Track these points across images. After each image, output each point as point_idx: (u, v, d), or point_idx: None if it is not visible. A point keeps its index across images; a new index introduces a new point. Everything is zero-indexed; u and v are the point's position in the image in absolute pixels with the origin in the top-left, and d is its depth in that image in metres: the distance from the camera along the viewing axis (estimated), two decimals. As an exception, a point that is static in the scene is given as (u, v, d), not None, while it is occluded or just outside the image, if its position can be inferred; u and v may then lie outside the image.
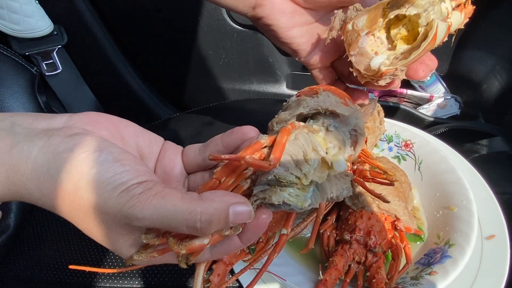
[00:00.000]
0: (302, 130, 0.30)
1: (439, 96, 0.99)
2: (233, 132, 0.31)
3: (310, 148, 0.29)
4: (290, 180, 0.28)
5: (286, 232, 0.32)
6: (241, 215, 0.25)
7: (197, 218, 0.24)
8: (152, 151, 0.32)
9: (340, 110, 0.31)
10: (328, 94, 0.33)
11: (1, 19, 0.81)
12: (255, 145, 0.28)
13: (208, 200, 0.25)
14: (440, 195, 0.51)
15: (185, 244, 0.25)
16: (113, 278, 0.66)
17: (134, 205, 0.23)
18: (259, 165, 0.26)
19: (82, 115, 0.28)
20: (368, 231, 0.44)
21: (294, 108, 0.32)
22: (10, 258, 0.73)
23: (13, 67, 0.84)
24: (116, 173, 0.24)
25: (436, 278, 0.40)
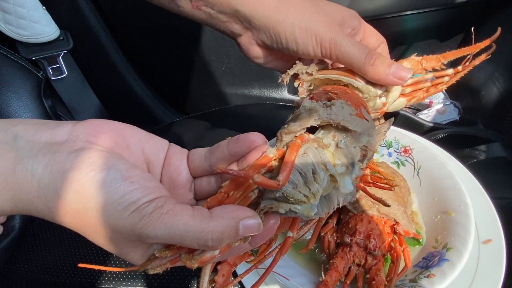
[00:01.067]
0: (311, 145, 0.30)
1: (439, 102, 1.00)
2: (240, 140, 0.30)
3: (319, 166, 0.29)
4: (298, 199, 0.27)
5: (292, 235, 0.32)
6: (251, 228, 0.25)
7: (208, 237, 0.24)
8: (158, 157, 0.31)
9: (353, 126, 0.30)
10: (343, 105, 0.31)
11: (9, 24, 0.83)
12: (263, 159, 0.28)
13: (218, 217, 0.25)
14: (438, 200, 0.52)
15: (197, 258, 0.26)
16: (116, 280, 0.67)
17: (146, 224, 0.23)
18: (267, 184, 0.26)
19: (85, 124, 0.28)
20: (368, 234, 0.45)
21: (305, 119, 0.31)
22: (15, 260, 0.74)
23: (20, 71, 0.86)
24: (126, 192, 0.24)
25: (434, 280, 0.41)
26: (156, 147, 0.31)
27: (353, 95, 0.35)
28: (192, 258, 0.26)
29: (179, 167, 0.32)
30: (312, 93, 0.34)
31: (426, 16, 0.85)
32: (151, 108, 1.02)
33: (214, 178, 0.33)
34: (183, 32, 0.95)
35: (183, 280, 0.63)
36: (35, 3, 0.83)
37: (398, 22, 0.86)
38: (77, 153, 0.25)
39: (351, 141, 0.30)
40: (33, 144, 0.25)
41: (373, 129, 0.31)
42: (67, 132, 0.27)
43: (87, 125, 0.27)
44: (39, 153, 0.25)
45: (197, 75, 1.01)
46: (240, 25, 0.44)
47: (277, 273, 0.41)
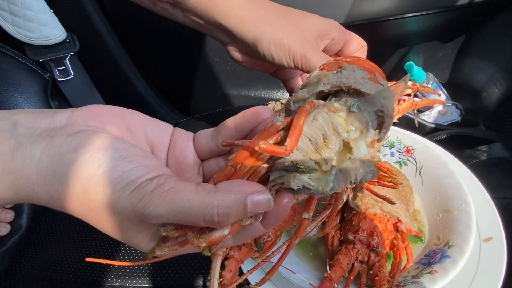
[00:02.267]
0: (321, 110, 0.28)
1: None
2: (246, 114, 0.29)
3: (330, 130, 0.27)
4: (308, 166, 0.25)
5: (307, 216, 0.30)
6: (260, 204, 0.24)
7: (214, 211, 0.23)
8: (162, 140, 0.30)
9: (365, 89, 0.28)
10: (354, 69, 0.29)
11: (17, 27, 0.84)
12: (270, 128, 0.26)
13: (224, 191, 0.24)
14: (440, 199, 0.53)
15: (204, 237, 0.24)
16: (121, 277, 0.68)
17: (147, 203, 0.22)
18: (274, 151, 0.24)
19: (84, 109, 0.27)
20: (371, 231, 0.46)
21: (314, 85, 0.29)
22: (22, 258, 0.75)
23: (27, 73, 0.87)
24: (124, 171, 0.23)
25: (436, 276, 0.41)
26: (159, 130, 0.30)
27: (367, 63, 0.32)
28: (200, 237, 0.25)
29: (185, 149, 0.30)
30: (323, 65, 0.32)
31: (428, 18, 0.86)
32: (155, 109, 1.03)
33: (223, 159, 0.31)
34: (187, 35, 0.96)
35: (188, 278, 0.64)
36: (43, 6, 0.85)
37: (399, 24, 0.87)
38: (75, 136, 0.24)
39: (364, 105, 0.28)
40: (32, 130, 0.25)
41: (388, 91, 0.28)
42: (66, 118, 0.26)
43: (86, 110, 0.27)
44: (37, 138, 0.24)
45: (201, 76, 1.02)
46: (225, 36, 0.49)
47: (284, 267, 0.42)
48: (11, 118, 0.25)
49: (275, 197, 0.26)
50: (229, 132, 0.29)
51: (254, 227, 0.26)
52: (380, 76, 0.31)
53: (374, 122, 0.28)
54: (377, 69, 0.32)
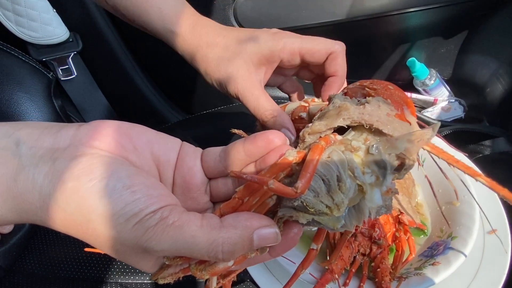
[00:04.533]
0: (338, 147, 0.26)
1: (443, 99, 1.00)
2: (257, 139, 0.27)
3: (346, 172, 0.25)
4: (319, 210, 0.24)
5: (316, 247, 0.30)
6: (267, 239, 0.23)
7: (218, 249, 0.22)
8: (169, 158, 0.29)
9: (389, 130, 0.25)
10: (380, 103, 0.27)
11: (20, 26, 0.85)
12: (282, 163, 0.25)
13: (230, 227, 0.23)
14: (442, 191, 0.52)
15: (208, 269, 0.24)
16: (124, 274, 0.68)
17: (150, 237, 0.22)
18: (283, 192, 0.23)
19: (89, 127, 0.26)
20: (373, 224, 0.46)
21: (333, 118, 0.27)
22: (25, 255, 0.76)
23: (31, 72, 0.88)
24: (127, 203, 0.22)
25: (439, 268, 0.41)
26: (166, 147, 0.29)
27: (396, 92, 0.30)
28: (203, 269, 0.24)
29: (192, 168, 0.29)
30: (347, 88, 0.30)
31: (430, 13, 0.85)
32: (157, 108, 1.04)
33: (231, 180, 0.30)
34: (189, 33, 0.96)
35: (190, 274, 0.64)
36: (46, 6, 0.86)
37: (401, 19, 0.87)
38: (78, 161, 0.23)
39: (385, 147, 0.25)
40: (36, 150, 0.24)
41: (414, 135, 0.25)
42: (70, 137, 0.25)
43: (90, 128, 0.26)
44: (40, 160, 0.24)
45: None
46: None
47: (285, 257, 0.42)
48: (14, 135, 0.25)
49: (283, 228, 0.25)
50: (238, 156, 0.28)
51: (260, 256, 0.26)
52: (408, 111, 0.28)
53: (393, 164, 0.26)
54: (407, 102, 0.29)
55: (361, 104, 0.27)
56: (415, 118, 0.28)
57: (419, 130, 0.26)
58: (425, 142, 0.25)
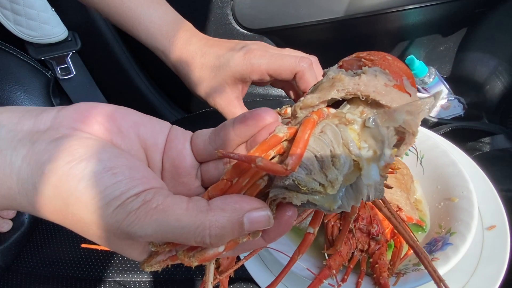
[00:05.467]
0: (331, 121, 0.24)
1: (443, 97, 1.00)
2: (246, 118, 0.26)
3: (340, 147, 0.23)
4: (312, 188, 0.22)
5: (312, 231, 0.28)
6: (258, 222, 0.22)
7: (205, 233, 0.21)
8: (157, 141, 0.27)
9: (386, 101, 0.24)
10: (376, 73, 0.25)
11: (19, 25, 0.85)
12: (272, 139, 0.24)
13: (218, 209, 0.21)
14: (441, 187, 0.52)
15: (197, 256, 0.22)
16: (122, 272, 0.68)
17: (133, 222, 0.20)
18: (273, 169, 0.21)
19: (71, 109, 0.25)
20: (371, 220, 0.45)
21: (326, 90, 0.25)
22: (24, 254, 0.76)
23: (29, 71, 0.88)
24: (107, 185, 0.21)
25: (438, 263, 0.41)
26: (154, 130, 0.27)
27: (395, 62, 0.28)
28: (192, 255, 0.23)
29: (182, 151, 0.28)
30: (343, 61, 0.28)
31: (428, 10, 0.85)
32: (156, 107, 1.04)
33: (222, 163, 0.28)
34: (187, 32, 0.96)
35: (188, 271, 0.64)
36: (45, 5, 0.86)
37: (400, 16, 0.86)
38: (57, 143, 0.22)
39: (383, 119, 0.24)
40: (15, 133, 0.23)
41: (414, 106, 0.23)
42: (51, 119, 0.24)
43: (72, 110, 0.24)
44: (19, 143, 0.22)
45: (201, 73, 1.02)
46: None
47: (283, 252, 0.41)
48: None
49: (276, 211, 0.23)
50: (228, 137, 0.26)
51: (254, 241, 0.24)
52: (408, 82, 0.26)
53: (392, 139, 0.24)
54: (406, 72, 0.27)
55: (357, 75, 0.25)
56: (416, 90, 0.26)
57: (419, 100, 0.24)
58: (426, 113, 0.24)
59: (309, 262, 0.45)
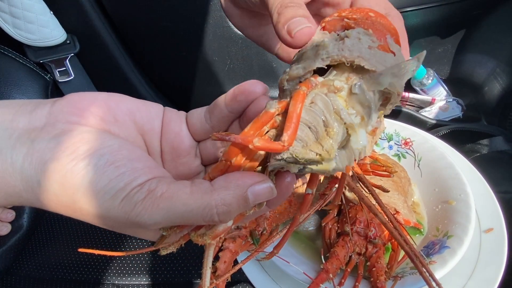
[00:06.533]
0: (320, 91, 0.24)
1: (441, 99, 1.00)
2: (236, 94, 0.26)
3: (331, 115, 0.24)
4: (310, 159, 0.23)
5: (311, 192, 0.29)
6: (262, 194, 0.23)
7: (213, 212, 0.22)
8: (153, 125, 0.28)
9: (371, 65, 0.24)
10: (360, 36, 0.25)
11: (18, 29, 0.85)
12: (264, 116, 0.24)
13: (222, 188, 0.22)
14: (439, 190, 0.52)
15: (208, 233, 0.23)
16: (121, 275, 0.68)
17: (140, 212, 0.21)
18: (270, 148, 0.22)
19: (64, 102, 0.25)
20: (368, 223, 0.45)
21: (310, 59, 0.25)
22: (23, 257, 0.76)
23: (28, 74, 0.88)
24: (111, 178, 0.21)
25: (435, 267, 0.41)
26: (149, 115, 0.28)
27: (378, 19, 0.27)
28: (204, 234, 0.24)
29: (179, 133, 0.28)
30: (325, 22, 0.28)
31: (427, 12, 0.85)
32: (155, 109, 1.04)
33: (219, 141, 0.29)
34: (186, 34, 0.97)
35: (186, 274, 0.64)
36: (43, 8, 0.86)
37: (398, 19, 0.87)
38: (57, 140, 0.22)
39: (368, 84, 0.24)
40: (11, 131, 0.23)
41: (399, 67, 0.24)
42: (45, 115, 0.24)
43: (65, 103, 0.24)
44: (17, 141, 0.22)
45: (200, 75, 1.03)
46: None
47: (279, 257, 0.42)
48: None
49: (275, 180, 0.24)
50: (221, 114, 0.28)
51: (259, 210, 0.25)
52: (392, 39, 0.26)
53: (378, 102, 0.24)
54: (390, 29, 0.27)
55: (341, 38, 0.25)
56: (399, 47, 0.27)
57: (403, 62, 0.24)
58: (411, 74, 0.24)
59: (306, 265, 0.45)
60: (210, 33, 0.95)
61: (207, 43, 0.97)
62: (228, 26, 0.93)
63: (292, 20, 0.28)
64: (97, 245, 0.73)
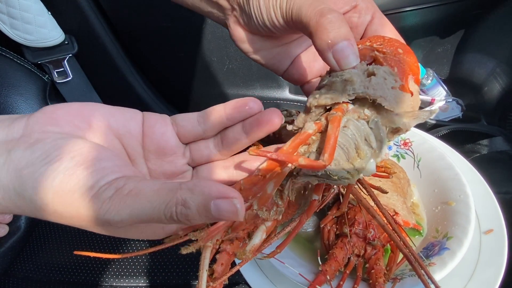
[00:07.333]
0: (352, 116, 0.27)
1: (441, 99, 1.00)
2: (237, 106, 0.29)
3: (362, 140, 0.27)
4: (342, 176, 0.26)
5: (317, 198, 0.30)
6: (225, 212, 0.21)
7: (172, 210, 0.21)
8: (130, 129, 0.29)
9: (390, 105, 0.26)
10: (386, 75, 0.27)
11: (15, 29, 0.85)
12: (303, 136, 0.27)
13: (186, 190, 0.22)
14: (438, 191, 0.52)
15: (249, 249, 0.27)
16: (119, 277, 0.67)
17: (108, 210, 0.21)
18: (313, 166, 0.25)
19: (38, 114, 0.26)
20: (367, 224, 0.45)
21: (338, 92, 0.27)
22: (20, 259, 0.75)
23: (26, 75, 0.88)
24: (80, 178, 0.22)
25: (435, 269, 0.40)
26: (124, 118, 0.29)
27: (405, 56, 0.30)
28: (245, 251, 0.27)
29: (165, 133, 0.30)
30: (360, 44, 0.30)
31: (426, 12, 0.85)
32: (153, 109, 1.03)
33: (212, 143, 0.31)
34: (184, 35, 0.96)
35: (184, 276, 0.63)
36: (41, 8, 0.86)
37: (397, 18, 0.86)
38: (32, 149, 0.23)
39: (384, 120, 0.27)
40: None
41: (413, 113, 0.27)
42: (22, 127, 0.25)
43: (40, 115, 0.26)
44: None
45: (199, 76, 1.02)
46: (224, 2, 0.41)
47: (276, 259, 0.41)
48: None
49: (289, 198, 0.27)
50: (220, 120, 0.30)
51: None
52: (412, 79, 0.29)
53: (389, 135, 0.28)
54: (412, 68, 0.29)
55: (368, 74, 0.27)
56: (418, 87, 0.29)
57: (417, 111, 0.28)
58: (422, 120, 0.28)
59: (304, 267, 0.44)
60: (208, 34, 0.95)
61: (206, 44, 0.96)
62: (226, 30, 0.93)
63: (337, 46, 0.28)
64: (96, 247, 0.72)
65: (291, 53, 0.42)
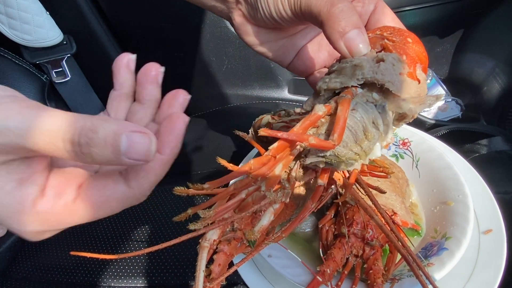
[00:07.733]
0: (361, 99, 0.28)
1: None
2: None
3: (370, 122, 0.27)
4: (349, 157, 0.27)
5: (322, 183, 0.30)
6: (137, 145, 0.20)
7: (76, 132, 0.20)
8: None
9: (397, 90, 0.27)
10: (394, 62, 0.28)
11: (13, 29, 0.85)
12: (313, 117, 0.27)
13: (101, 119, 0.20)
14: (437, 191, 0.51)
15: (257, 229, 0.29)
16: (117, 278, 0.67)
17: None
18: (322, 145, 0.26)
19: None
20: (365, 224, 0.45)
21: (347, 76, 0.28)
22: (18, 260, 0.75)
23: (24, 75, 0.88)
24: None
25: (433, 269, 0.40)
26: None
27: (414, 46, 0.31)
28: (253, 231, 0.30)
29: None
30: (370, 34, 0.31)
31: (425, 11, 0.85)
32: (153, 110, 1.03)
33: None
34: (183, 35, 0.96)
35: (183, 277, 0.63)
36: (39, 8, 0.85)
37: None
38: None
39: (391, 105, 0.28)
40: None
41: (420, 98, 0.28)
42: None
43: None
44: None
45: (198, 76, 1.02)
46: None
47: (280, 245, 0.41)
48: None
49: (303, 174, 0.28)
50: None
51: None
52: (420, 68, 0.30)
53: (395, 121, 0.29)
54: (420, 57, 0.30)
55: (377, 60, 0.28)
56: (425, 76, 0.30)
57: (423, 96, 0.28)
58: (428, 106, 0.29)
59: (303, 268, 0.44)
60: (207, 33, 0.94)
61: (204, 43, 0.96)
62: (225, 26, 0.93)
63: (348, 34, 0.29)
64: (94, 248, 0.72)
65: (296, 45, 0.41)
